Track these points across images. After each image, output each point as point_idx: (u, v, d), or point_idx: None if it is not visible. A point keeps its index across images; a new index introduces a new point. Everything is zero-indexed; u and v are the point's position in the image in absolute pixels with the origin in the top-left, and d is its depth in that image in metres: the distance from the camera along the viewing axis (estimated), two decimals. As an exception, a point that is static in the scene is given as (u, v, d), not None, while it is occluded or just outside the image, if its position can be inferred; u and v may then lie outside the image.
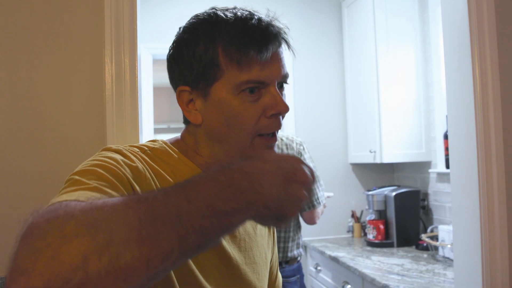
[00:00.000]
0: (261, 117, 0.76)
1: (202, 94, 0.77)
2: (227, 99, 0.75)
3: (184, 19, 0.83)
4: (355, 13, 3.26)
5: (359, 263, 2.53)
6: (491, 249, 1.48)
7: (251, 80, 0.74)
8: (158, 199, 0.50)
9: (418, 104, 3.01)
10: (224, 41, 0.74)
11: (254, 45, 0.73)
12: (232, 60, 0.74)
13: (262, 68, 0.74)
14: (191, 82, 0.78)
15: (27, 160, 1.26)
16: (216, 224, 0.50)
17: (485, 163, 1.49)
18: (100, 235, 0.45)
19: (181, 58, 0.79)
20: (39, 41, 1.29)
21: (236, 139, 0.77)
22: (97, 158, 0.68)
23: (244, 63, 0.73)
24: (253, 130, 0.76)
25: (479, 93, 1.51)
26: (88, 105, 1.30)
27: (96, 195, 0.58)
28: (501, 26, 1.51)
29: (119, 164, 0.68)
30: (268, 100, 0.75)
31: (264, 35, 0.74)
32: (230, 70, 0.74)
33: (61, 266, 0.43)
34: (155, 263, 0.47)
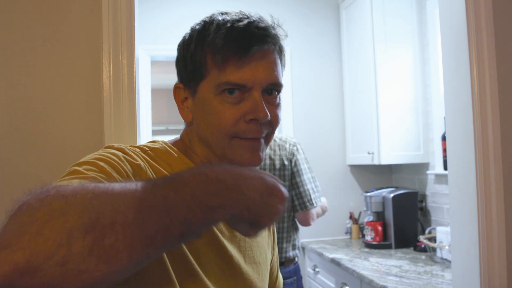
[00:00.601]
0: (239, 120, 0.75)
1: (191, 93, 0.80)
2: (209, 98, 0.77)
3: (182, 21, 0.84)
4: (353, 14, 3.26)
5: (357, 265, 2.53)
6: (489, 251, 1.48)
7: (230, 82, 0.74)
8: (146, 187, 0.51)
9: (416, 105, 3.01)
10: (211, 43, 0.76)
11: (233, 45, 0.74)
12: (215, 61, 0.75)
13: (239, 69, 0.74)
14: (184, 80, 0.81)
15: (24, 162, 1.26)
16: (199, 217, 0.52)
17: (483, 165, 1.49)
18: (87, 215, 0.46)
19: (180, 58, 0.82)
20: (37, 42, 1.28)
21: (215, 138, 0.77)
22: (99, 153, 0.70)
23: (224, 64, 0.74)
24: (229, 131, 0.76)
25: (477, 95, 1.51)
26: (85, 106, 1.30)
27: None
28: (498, 27, 1.51)
29: (120, 159, 0.69)
30: (248, 105, 0.75)
31: (244, 36, 0.74)
32: (213, 70, 0.76)
33: (44, 242, 0.44)
34: (138, 248, 0.48)
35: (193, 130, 0.82)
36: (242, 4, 3.12)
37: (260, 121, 0.75)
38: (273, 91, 0.79)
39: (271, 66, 0.77)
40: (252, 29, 0.75)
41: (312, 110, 3.40)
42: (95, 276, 0.46)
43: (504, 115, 1.50)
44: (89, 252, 0.45)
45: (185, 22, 0.86)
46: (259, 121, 0.76)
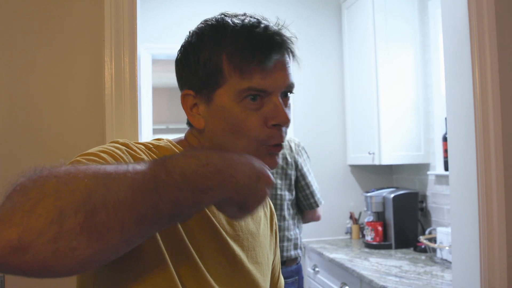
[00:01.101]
0: (263, 126, 0.76)
1: (205, 100, 0.77)
2: (229, 106, 0.75)
3: (184, 20, 0.84)
4: (355, 15, 3.26)
5: (357, 265, 2.53)
6: (489, 252, 1.48)
7: (253, 88, 0.73)
8: (138, 168, 0.52)
9: (417, 106, 3.01)
10: (228, 49, 0.74)
11: (257, 54, 0.73)
12: (235, 68, 0.74)
13: (265, 77, 0.74)
14: (195, 87, 0.78)
15: (26, 159, 1.26)
16: (189, 198, 0.53)
17: (484, 166, 1.49)
18: (78, 194, 0.47)
19: (187, 62, 0.79)
20: (39, 41, 1.28)
21: (240, 145, 0.76)
22: (103, 146, 0.71)
23: (246, 71, 0.73)
24: (255, 138, 0.76)
25: (479, 95, 1.51)
26: (87, 104, 1.30)
27: None
28: (501, 28, 1.51)
29: (123, 152, 0.70)
30: (269, 110, 0.75)
31: (268, 44, 0.74)
32: (233, 77, 0.74)
33: (36, 219, 0.45)
34: (129, 225, 0.49)
35: (205, 137, 0.81)
36: (244, 3, 3.12)
37: (282, 125, 0.76)
38: (287, 93, 0.80)
39: (289, 72, 0.78)
40: (272, 35, 0.75)
41: (313, 110, 3.40)
42: (87, 253, 0.47)
43: (505, 116, 1.50)
44: (80, 229, 0.46)
45: (187, 21, 0.86)
46: (281, 126, 0.76)
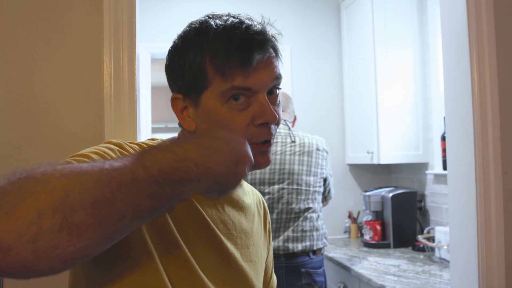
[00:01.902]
0: (249, 126, 0.75)
1: (193, 103, 0.78)
2: (215, 108, 0.75)
3: (182, 19, 0.84)
4: (354, 14, 3.26)
5: (356, 264, 2.53)
6: (487, 251, 1.48)
7: (235, 87, 0.74)
8: (115, 164, 0.53)
9: (415, 105, 3.02)
10: (211, 51, 0.74)
11: (238, 54, 0.73)
12: (217, 70, 0.74)
13: (247, 77, 0.74)
14: (183, 90, 0.79)
15: (24, 158, 1.26)
16: (169, 191, 0.54)
17: (483, 165, 1.50)
18: (56, 194, 0.48)
19: (174, 66, 0.80)
20: (38, 39, 1.28)
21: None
22: (95, 147, 0.71)
23: (228, 73, 0.73)
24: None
25: (477, 95, 1.51)
26: (86, 103, 1.30)
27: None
28: (499, 29, 1.51)
29: (114, 153, 0.70)
30: (256, 109, 0.75)
31: (249, 44, 0.74)
32: (216, 79, 0.74)
33: (15, 221, 0.46)
34: (109, 222, 0.50)
35: None
36: (242, 3, 3.12)
37: (270, 123, 0.76)
38: (274, 90, 0.79)
39: (273, 70, 0.78)
40: (252, 35, 0.75)
41: (311, 109, 3.40)
42: (68, 251, 0.47)
43: (504, 116, 1.50)
44: (59, 228, 0.46)
45: (186, 20, 0.85)
46: (268, 124, 0.76)
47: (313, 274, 2.23)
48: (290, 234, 2.21)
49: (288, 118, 2.46)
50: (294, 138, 2.31)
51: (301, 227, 2.22)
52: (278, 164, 2.25)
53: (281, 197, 2.23)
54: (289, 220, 2.22)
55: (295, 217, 2.23)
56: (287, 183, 2.23)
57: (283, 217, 2.22)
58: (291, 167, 2.25)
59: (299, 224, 2.22)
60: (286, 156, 2.26)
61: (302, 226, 2.23)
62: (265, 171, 2.24)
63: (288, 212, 2.22)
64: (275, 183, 2.23)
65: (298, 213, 2.23)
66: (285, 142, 2.30)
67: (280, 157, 2.26)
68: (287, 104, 2.49)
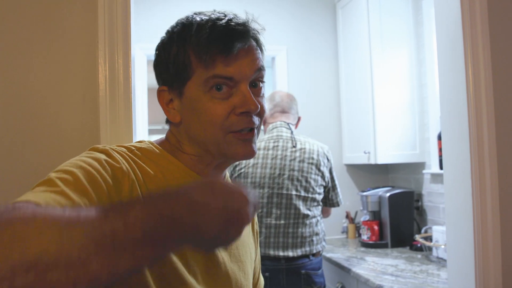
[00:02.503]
0: (230, 115, 0.77)
1: (177, 94, 0.80)
2: (197, 97, 0.77)
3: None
4: (349, 14, 3.26)
5: (354, 264, 2.53)
6: (484, 250, 1.48)
7: (217, 75, 0.75)
8: (97, 221, 0.50)
9: (412, 105, 3.02)
10: (193, 42, 0.77)
11: (218, 42, 0.75)
12: (200, 59, 0.76)
13: (228, 64, 0.76)
14: (168, 82, 0.81)
15: (20, 161, 1.26)
16: (150, 253, 0.51)
17: (478, 164, 1.50)
18: (31, 252, 0.46)
19: (160, 60, 0.82)
20: (33, 42, 1.28)
21: (208, 135, 0.78)
22: (80, 158, 0.69)
23: (209, 61, 0.75)
24: (222, 126, 0.77)
25: (472, 94, 1.52)
26: (82, 105, 1.30)
27: (59, 200, 0.58)
28: (494, 28, 1.52)
29: (102, 165, 0.69)
30: (238, 99, 0.77)
31: (229, 33, 0.76)
32: (199, 68, 0.76)
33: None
34: (82, 282, 0.47)
35: (182, 131, 0.83)
36: (238, 3, 3.12)
37: (251, 113, 0.77)
38: (257, 83, 0.81)
39: (255, 60, 0.79)
40: (233, 26, 0.77)
41: (308, 109, 3.40)
42: None
43: (499, 115, 1.50)
44: (31, 287, 0.45)
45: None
46: (250, 113, 0.77)
47: (313, 276, 2.23)
48: (290, 241, 2.21)
49: (291, 120, 2.44)
50: (296, 143, 2.30)
51: (300, 233, 2.22)
52: (278, 169, 2.24)
53: (280, 202, 2.22)
54: (288, 226, 2.22)
55: (294, 223, 2.22)
56: (286, 188, 2.23)
57: (282, 223, 2.21)
58: (291, 173, 2.24)
59: (299, 231, 2.22)
60: (286, 161, 2.26)
61: (302, 233, 2.22)
62: (265, 175, 2.24)
63: (287, 218, 2.22)
64: (274, 188, 2.23)
65: (297, 219, 2.23)
66: (286, 147, 2.29)
67: (281, 161, 2.26)
68: (291, 105, 2.47)
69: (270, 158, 2.26)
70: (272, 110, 2.45)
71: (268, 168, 2.25)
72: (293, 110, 2.47)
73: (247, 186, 2.25)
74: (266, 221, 2.22)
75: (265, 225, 2.21)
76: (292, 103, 2.48)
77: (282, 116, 2.42)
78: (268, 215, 2.22)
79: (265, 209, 2.22)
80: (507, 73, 1.53)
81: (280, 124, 2.37)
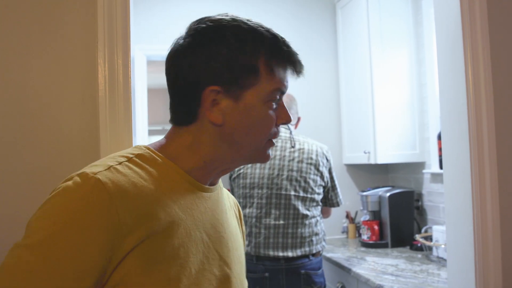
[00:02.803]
0: (275, 125, 0.84)
1: (233, 97, 0.79)
2: (257, 105, 0.81)
3: (178, 21, 0.85)
4: (349, 15, 3.27)
5: (354, 264, 2.53)
6: (484, 249, 1.48)
7: (279, 90, 0.82)
8: None
9: (412, 105, 3.02)
10: (267, 53, 0.81)
11: (291, 62, 0.84)
12: (271, 70, 0.81)
13: (286, 82, 0.84)
14: (225, 83, 0.79)
15: (19, 162, 1.26)
16: None
17: (478, 164, 1.50)
18: None
19: (217, 56, 0.79)
20: (32, 42, 1.28)
21: (254, 141, 0.83)
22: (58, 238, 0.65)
23: (279, 74, 0.82)
24: (269, 134, 0.84)
25: (472, 94, 1.52)
26: (81, 106, 1.30)
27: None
28: (493, 28, 1.52)
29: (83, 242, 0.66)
30: (280, 111, 0.85)
31: (297, 57, 0.86)
32: (266, 78, 0.80)
33: None
34: None
35: (216, 132, 0.81)
36: (240, 2, 3.12)
37: (287, 124, 0.89)
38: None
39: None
40: (295, 52, 0.86)
41: (308, 109, 3.40)
42: None
43: (498, 114, 1.50)
44: None
45: (182, 23, 0.86)
46: (285, 124, 0.87)
47: (312, 275, 2.23)
48: (289, 241, 2.21)
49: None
50: (294, 143, 2.30)
51: (300, 234, 2.22)
52: (277, 169, 2.25)
53: (279, 203, 2.22)
54: (288, 226, 2.21)
55: (294, 223, 2.22)
56: (285, 189, 2.23)
57: (281, 223, 2.21)
58: (290, 174, 2.24)
59: (298, 231, 2.22)
60: (285, 161, 2.26)
61: (301, 233, 2.22)
62: (264, 176, 2.24)
63: (286, 218, 2.22)
64: (273, 189, 2.23)
65: (296, 219, 2.22)
66: (285, 147, 2.29)
67: (279, 162, 2.26)
68: (290, 105, 2.47)
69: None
70: None
71: (266, 168, 2.25)
72: (292, 110, 2.47)
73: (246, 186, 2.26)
74: (265, 222, 2.22)
75: (264, 226, 2.21)
76: (291, 103, 2.48)
77: None
78: (267, 216, 2.22)
79: (264, 209, 2.22)
80: (507, 73, 1.53)
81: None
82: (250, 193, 2.25)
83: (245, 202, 2.27)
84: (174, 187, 0.77)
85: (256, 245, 2.21)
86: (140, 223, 0.69)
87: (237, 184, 2.31)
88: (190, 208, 0.78)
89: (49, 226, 0.65)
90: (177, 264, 0.72)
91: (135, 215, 0.69)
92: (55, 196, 0.68)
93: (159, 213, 0.72)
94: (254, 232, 2.22)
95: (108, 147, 1.26)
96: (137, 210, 0.70)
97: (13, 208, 1.23)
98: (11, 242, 0.67)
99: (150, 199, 0.72)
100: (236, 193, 2.33)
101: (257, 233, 2.21)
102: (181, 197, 0.77)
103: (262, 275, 2.19)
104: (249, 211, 2.25)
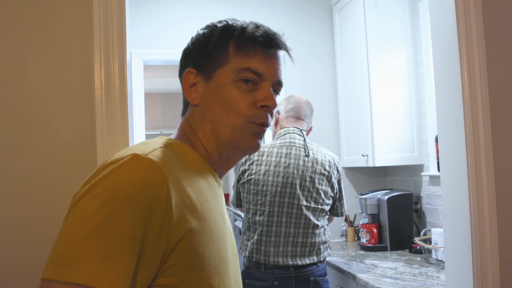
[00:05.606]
0: (251, 106, 0.83)
1: (205, 77, 0.85)
2: (225, 84, 0.83)
3: (175, 26, 0.86)
4: (346, 17, 3.27)
5: (353, 267, 2.53)
6: (481, 251, 1.48)
7: (250, 68, 0.82)
8: None
9: (409, 107, 3.03)
10: (236, 36, 0.84)
11: (261, 39, 0.83)
12: (240, 49, 0.83)
13: (262, 61, 0.83)
14: (198, 65, 0.86)
15: (15, 166, 1.25)
16: None
17: (475, 166, 1.50)
18: None
19: (197, 46, 0.88)
20: (28, 47, 1.28)
21: (229, 119, 0.83)
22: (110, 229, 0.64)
23: (249, 52, 0.82)
24: (244, 114, 0.82)
25: (468, 96, 1.52)
26: (78, 111, 1.30)
27: None
28: (488, 30, 1.52)
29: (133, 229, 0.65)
30: (260, 94, 0.83)
31: (271, 35, 0.85)
32: (236, 57, 0.83)
33: None
34: None
35: (197, 113, 0.86)
36: (236, 6, 3.13)
37: (270, 109, 0.84)
38: (275, 91, 0.87)
39: (280, 68, 0.88)
40: (274, 31, 0.86)
41: (306, 113, 3.41)
42: None
43: (495, 117, 1.51)
44: None
45: (178, 27, 0.88)
46: (269, 109, 0.84)
47: (320, 282, 2.22)
48: (299, 250, 2.19)
49: (305, 127, 2.41)
50: (308, 152, 2.28)
51: (310, 243, 2.20)
52: (290, 178, 2.21)
53: (290, 212, 2.20)
54: (298, 235, 2.19)
55: (304, 233, 2.20)
56: (297, 198, 2.20)
57: (291, 232, 2.19)
58: (303, 183, 2.22)
59: (308, 241, 2.20)
60: (299, 171, 2.22)
61: (311, 243, 2.21)
62: (277, 184, 2.20)
63: (296, 227, 2.20)
64: (285, 197, 2.20)
65: (307, 229, 2.20)
66: (299, 156, 2.25)
67: (293, 171, 2.22)
68: (307, 113, 2.44)
69: (283, 166, 2.22)
70: (288, 113, 2.41)
71: (280, 176, 2.21)
72: (308, 118, 2.44)
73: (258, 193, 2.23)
74: (276, 229, 2.19)
75: (275, 233, 2.19)
76: (309, 111, 2.45)
77: (297, 122, 2.38)
78: (278, 224, 2.19)
79: (276, 218, 2.20)
80: (502, 75, 1.53)
81: (293, 130, 2.33)
82: (262, 201, 2.20)
83: (255, 209, 2.23)
84: (201, 173, 0.82)
85: (266, 253, 2.18)
86: (185, 208, 0.71)
87: (247, 190, 2.26)
88: (214, 195, 0.82)
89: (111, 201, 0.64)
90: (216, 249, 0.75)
91: (180, 199, 0.71)
92: (114, 171, 0.67)
93: (196, 201, 0.74)
94: (264, 240, 2.19)
95: (105, 152, 1.26)
96: (182, 194, 0.72)
97: (10, 213, 1.22)
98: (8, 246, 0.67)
99: (189, 182, 0.76)
100: (246, 198, 2.27)
101: (267, 241, 2.18)
102: (207, 184, 0.81)
103: (271, 283, 2.17)
104: (260, 219, 2.21)
